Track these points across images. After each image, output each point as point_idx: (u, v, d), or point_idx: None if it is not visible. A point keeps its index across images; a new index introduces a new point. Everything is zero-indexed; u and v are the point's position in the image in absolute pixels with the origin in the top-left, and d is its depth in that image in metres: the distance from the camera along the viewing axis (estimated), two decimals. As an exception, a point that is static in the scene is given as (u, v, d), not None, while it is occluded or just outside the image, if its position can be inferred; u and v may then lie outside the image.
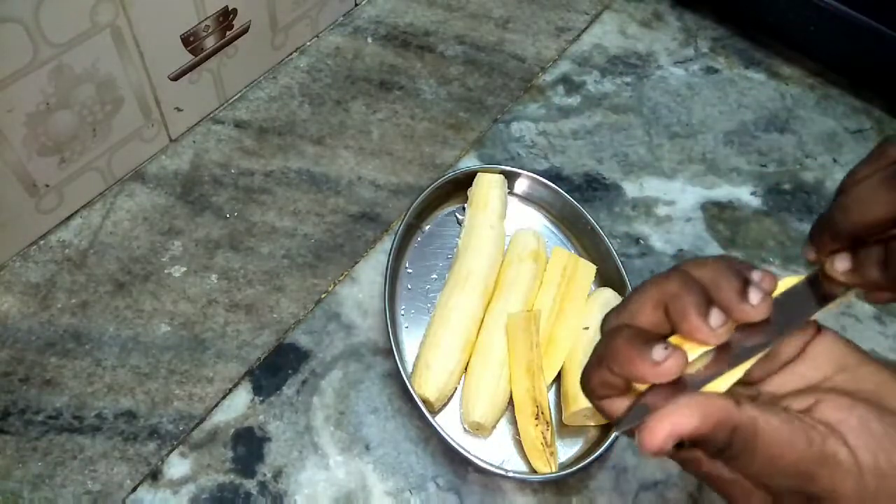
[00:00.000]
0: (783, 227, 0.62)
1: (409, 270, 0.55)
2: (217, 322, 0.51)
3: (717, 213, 0.62)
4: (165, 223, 0.55)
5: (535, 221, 0.59)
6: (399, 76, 0.67)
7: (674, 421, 0.25)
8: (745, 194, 0.64)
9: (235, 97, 0.63)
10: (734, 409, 0.25)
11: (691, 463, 0.27)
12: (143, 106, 0.54)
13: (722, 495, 0.28)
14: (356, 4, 0.71)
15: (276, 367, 0.50)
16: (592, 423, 0.49)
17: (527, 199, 0.60)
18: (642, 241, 0.60)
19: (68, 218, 0.54)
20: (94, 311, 0.51)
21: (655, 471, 0.49)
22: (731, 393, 0.27)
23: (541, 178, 0.58)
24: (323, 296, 0.54)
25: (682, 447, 0.26)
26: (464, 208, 0.57)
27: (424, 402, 0.47)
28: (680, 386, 0.27)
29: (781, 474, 0.25)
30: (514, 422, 0.49)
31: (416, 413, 0.49)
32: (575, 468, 0.46)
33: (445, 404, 0.49)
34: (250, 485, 0.46)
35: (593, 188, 0.63)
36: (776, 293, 0.28)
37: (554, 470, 0.46)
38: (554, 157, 0.64)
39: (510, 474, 0.46)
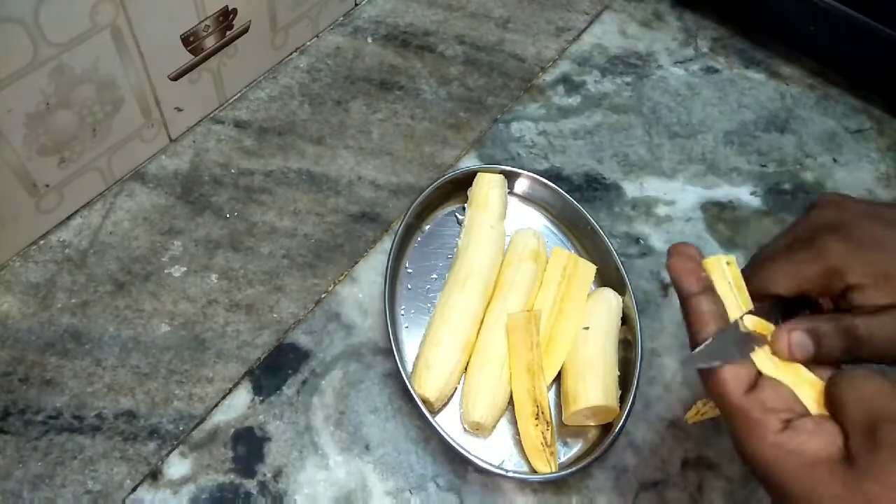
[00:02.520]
0: (783, 227, 0.62)
1: (409, 270, 0.55)
2: (217, 322, 0.51)
3: (717, 213, 0.62)
4: (165, 223, 0.55)
5: (535, 221, 0.59)
6: (399, 76, 0.67)
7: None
8: (744, 194, 0.64)
9: (235, 97, 0.63)
10: None
11: None
12: (143, 106, 0.54)
13: None
14: (356, 4, 0.71)
15: (276, 367, 0.50)
16: (592, 423, 0.49)
17: (527, 199, 0.60)
18: (642, 241, 0.60)
19: (68, 218, 0.54)
20: (94, 311, 0.51)
21: (655, 471, 0.49)
22: None
23: (541, 178, 0.58)
24: (323, 296, 0.54)
25: None
26: (464, 208, 0.57)
27: (424, 402, 0.47)
28: None
29: None
30: (514, 422, 0.49)
31: (416, 413, 0.49)
32: (575, 468, 0.46)
33: (445, 404, 0.49)
34: (250, 485, 0.46)
35: (593, 188, 0.63)
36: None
37: (554, 470, 0.46)
38: (554, 157, 0.64)
39: (510, 474, 0.46)
